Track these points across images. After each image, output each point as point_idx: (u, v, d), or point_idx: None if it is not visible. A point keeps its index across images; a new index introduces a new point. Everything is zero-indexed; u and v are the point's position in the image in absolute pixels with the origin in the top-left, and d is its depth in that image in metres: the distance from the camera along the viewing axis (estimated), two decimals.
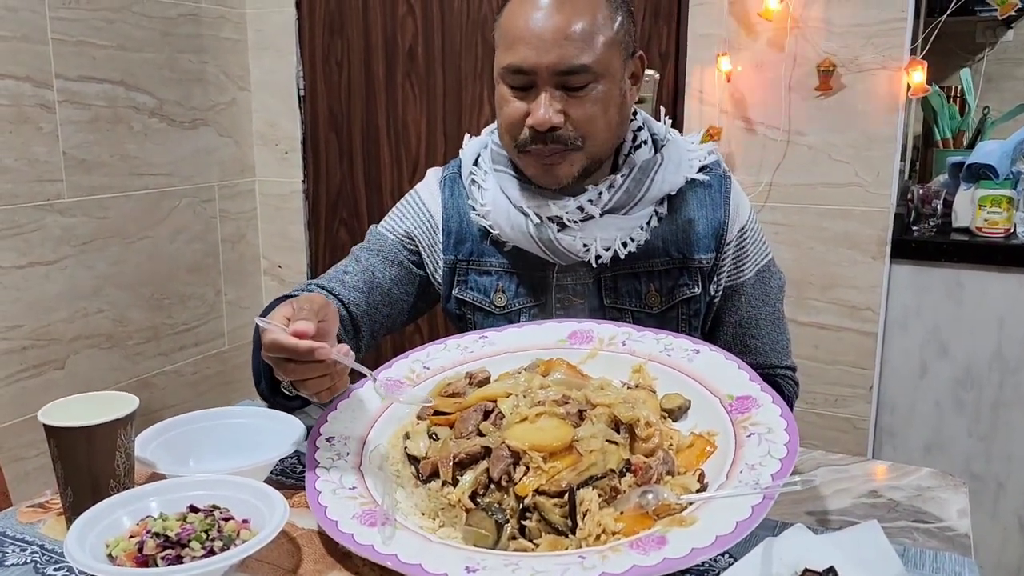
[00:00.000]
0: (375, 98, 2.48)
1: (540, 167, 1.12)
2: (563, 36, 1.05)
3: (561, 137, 1.09)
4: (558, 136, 1.08)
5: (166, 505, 0.80)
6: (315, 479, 0.87)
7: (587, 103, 1.08)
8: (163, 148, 2.30)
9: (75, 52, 2.03)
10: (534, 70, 1.06)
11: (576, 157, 1.11)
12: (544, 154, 1.10)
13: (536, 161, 1.12)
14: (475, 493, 0.81)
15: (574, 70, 1.06)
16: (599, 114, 1.09)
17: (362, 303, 1.22)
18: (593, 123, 1.09)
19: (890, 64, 1.90)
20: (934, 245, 1.98)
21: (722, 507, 0.75)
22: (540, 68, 1.06)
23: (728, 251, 1.20)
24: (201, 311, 2.51)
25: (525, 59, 1.06)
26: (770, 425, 0.85)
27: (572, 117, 1.08)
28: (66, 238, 2.06)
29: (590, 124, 1.09)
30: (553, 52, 1.05)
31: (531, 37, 1.06)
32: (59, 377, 2.07)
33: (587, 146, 1.10)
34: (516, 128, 1.11)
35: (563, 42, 1.05)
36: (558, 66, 1.05)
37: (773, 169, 2.03)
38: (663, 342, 1.03)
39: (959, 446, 2.00)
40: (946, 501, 0.91)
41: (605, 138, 1.12)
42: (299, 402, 1.06)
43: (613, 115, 1.12)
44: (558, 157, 1.10)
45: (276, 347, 0.85)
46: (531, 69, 1.07)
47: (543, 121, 1.07)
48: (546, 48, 1.05)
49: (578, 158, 1.11)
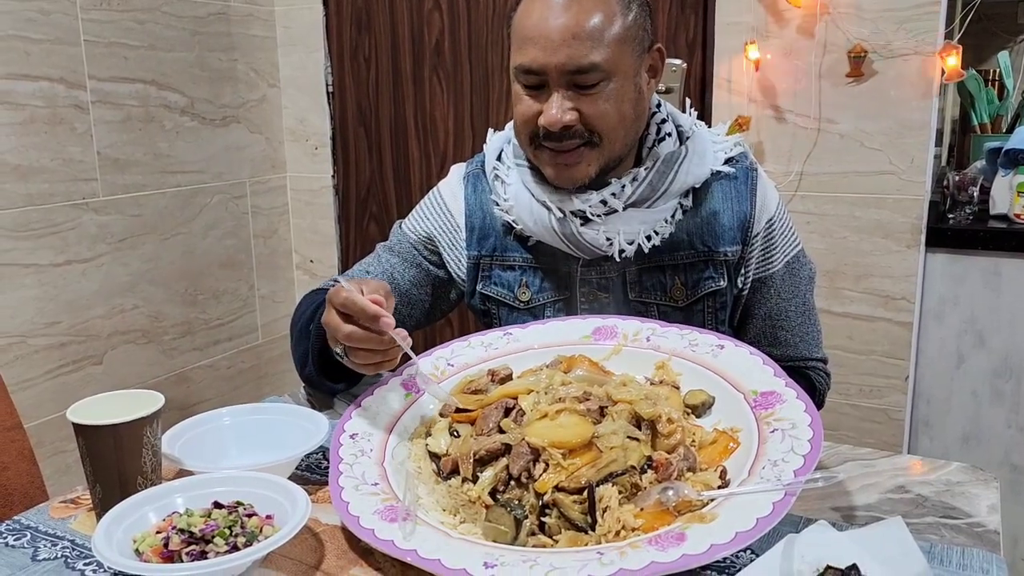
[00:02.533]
0: (403, 93, 2.49)
1: (556, 167, 1.12)
2: (571, 35, 1.05)
3: (576, 133, 1.09)
4: (573, 133, 1.08)
5: (191, 501, 0.82)
6: (338, 475, 0.88)
7: (599, 100, 1.07)
8: (195, 146, 2.33)
9: (107, 53, 2.06)
10: (544, 70, 1.07)
11: (593, 156, 1.11)
12: (561, 151, 1.10)
13: (552, 160, 1.12)
14: (495, 490, 0.81)
15: (583, 69, 1.05)
16: (612, 111, 1.09)
17: None
18: (606, 120, 1.09)
19: (924, 49, 1.86)
20: (971, 233, 1.93)
21: (743, 503, 0.75)
22: (550, 68, 1.06)
23: (756, 243, 1.18)
24: (235, 306, 2.54)
25: (535, 59, 1.06)
26: (794, 421, 0.84)
27: (585, 115, 1.08)
28: (101, 236, 2.10)
29: (604, 121, 1.09)
30: (562, 52, 1.05)
31: (540, 37, 1.06)
32: (97, 372, 2.11)
33: (604, 143, 1.10)
34: (530, 126, 1.11)
35: (571, 41, 1.05)
36: (567, 66, 1.05)
37: (804, 158, 2.00)
38: (688, 337, 1.02)
39: (998, 437, 1.96)
40: (976, 496, 0.89)
41: (621, 135, 1.12)
42: (342, 385, 1.11)
43: (628, 111, 1.11)
44: (575, 156, 1.10)
45: (348, 304, 0.90)
46: (540, 69, 1.07)
47: (554, 121, 1.07)
48: (555, 48, 1.05)
49: (595, 157, 1.11)
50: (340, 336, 0.92)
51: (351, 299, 0.89)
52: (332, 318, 0.93)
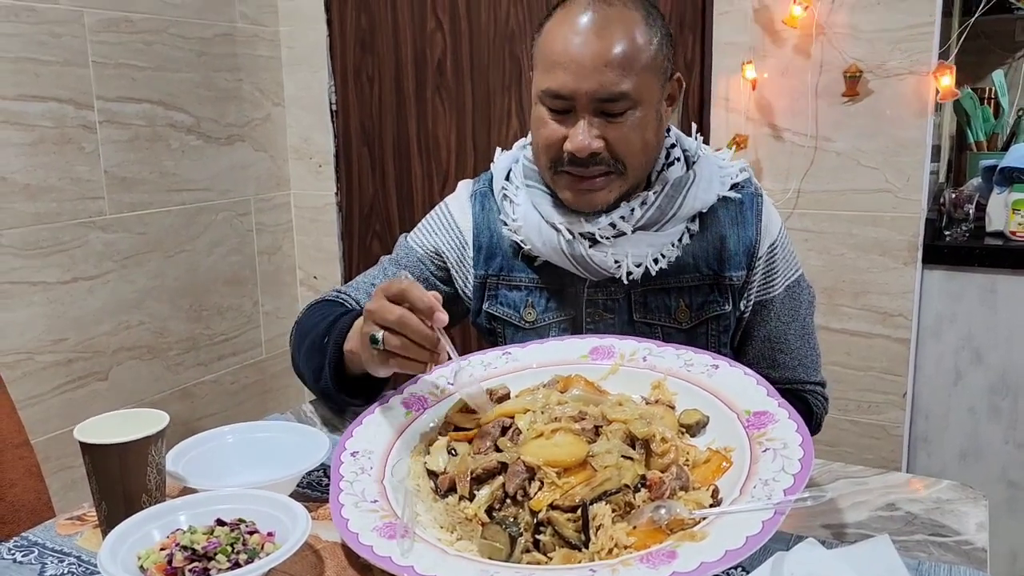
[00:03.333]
0: (406, 112, 2.52)
1: (576, 192, 1.13)
2: (603, 63, 1.05)
3: (602, 160, 1.09)
4: (598, 160, 1.09)
5: (195, 518, 0.84)
6: (339, 492, 0.90)
7: (625, 128, 1.08)
8: (200, 164, 2.37)
9: (115, 74, 2.10)
10: (573, 96, 1.07)
11: (616, 184, 1.12)
12: (585, 176, 1.11)
13: (571, 185, 1.13)
14: (491, 507, 0.83)
15: (613, 97, 1.06)
16: (637, 139, 1.10)
17: None
18: (631, 147, 1.10)
19: (918, 69, 1.88)
20: (967, 250, 1.95)
21: (734, 522, 0.76)
22: (579, 94, 1.06)
23: (758, 267, 1.20)
24: (239, 322, 2.57)
25: (564, 85, 1.06)
26: (785, 440, 0.86)
27: (611, 143, 1.09)
28: (108, 253, 2.13)
29: (629, 149, 1.10)
30: (592, 79, 1.05)
31: (570, 63, 1.06)
32: (103, 388, 2.14)
33: (628, 171, 1.11)
34: (553, 150, 1.11)
35: (603, 68, 1.05)
36: (598, 93, 1.06)
37: (801, 176, 2.03)
38: (683, 357, 1.04)
39: (996, 453, 1.97)
40: (965, 514, 0.90)
41: (643, 162, 1.14)
42: (360, 400, 1.11)
43: (651, 139, 1.12)
44: (600, 182, 1.11)
45: (406, 293, 0.91)
46: (570, 95, 1.07)
47: (582, 147, 1.07)
48: (585, 74, 1.05)
49: (617, 184, 1.12)
50: (392, 318, 0.91)
51: (410, 289, 0.90)
52: (381, 304, 0.92)
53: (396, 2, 2.46)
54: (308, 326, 1.20)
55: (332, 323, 1.12)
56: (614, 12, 1.08)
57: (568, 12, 1.09)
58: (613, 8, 1.08)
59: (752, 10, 2.00)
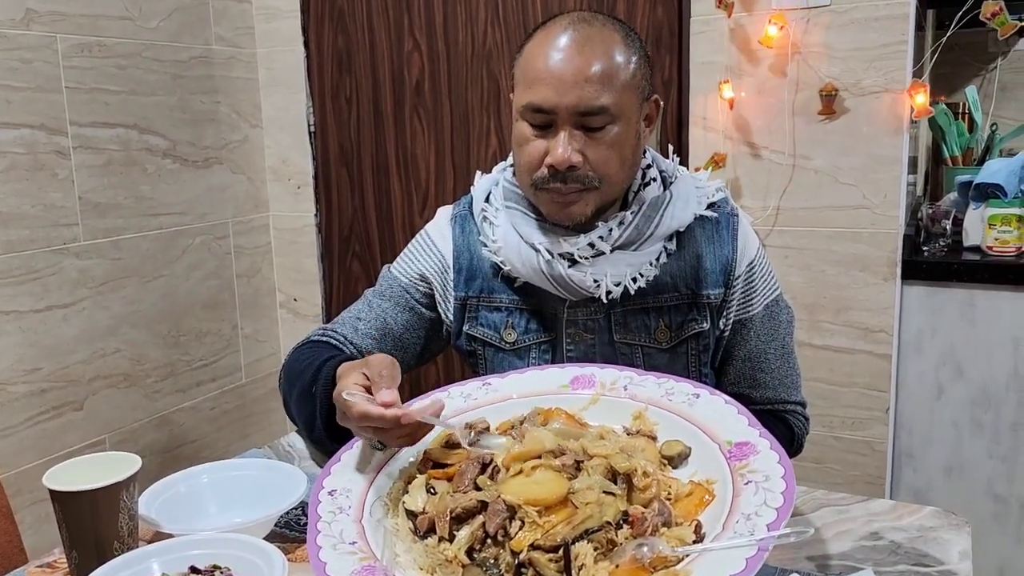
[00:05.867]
0: (384, 132, 2.51)
1: (556, 205, 1.14)
2: (583, 78, 1.07)
3: (579, 177, 1.11)
4: (577, 176, 1.11)
5: (168, 565, 0.82)
6: (316, 534, 0.88)
7: (604, 145, 1.10)
8: (177, 188, 2.34)
9: (88, 99, 2.08)
10: (554, 110, 1.09)
11: (591, 197, 1.13)
12: (561, 192, 1.12)
13: (552, 199, 1.14)
14: (472, 548, 0.82)
15: (593, 111, 1.08)
16: (614, 156, 1.12)
17: (375, 350, 1.24)
18: (609, 164, 1.12)
19: (893, 87, 1.90)
20: (945, 265, 1.96)
21: (716, 559, 0.75)
22: (560, 108, 1.08)
23: (736, 286, 1.21)
24: (218, 346, 2.54)
25: (545, 99, 1.09)
26: (767, 473, 0.85)
27: (590, 158, 1.11)
28: (82, 280, 2.10)
29: (606, 165, 1.11)
30: (573, 93, 1.07)
31: (551, 78, 1.08)
32: (78, 418, 2.10)
33: (603, 186, 1.13)
34: (535, 166, 1.13)
35: (583, 83, 1.07)
36: (578, 107, 1.08)
37: (780, 193, 2.03)
38: (664, 386, 1.03)
39: (980, 467, 1.98)
40: (948, 542, 0.90)
41: (620, 179, 1.15)
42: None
43: (628, 156, 1.14)
44: (574, 196, 1.12)
45: (366, 417, 0.89)
46: (551, 109, 1.09)
47: (562, 160, 1.09)
48: (566, 89, 1.07)
49: (593, 198, 1.13)
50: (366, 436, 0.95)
51: (366, 413, 0.89)
52: (354, 428, 0.94)
53: (373, 23, 2.45)
54: (296, 371, 1.18)
55: (318, 369, 1.11)
56: (594, 31, 1.11)
57: (549, 32, 1.12)
58: (593, 28, 1.11)
59: (728, 30, 2.01)
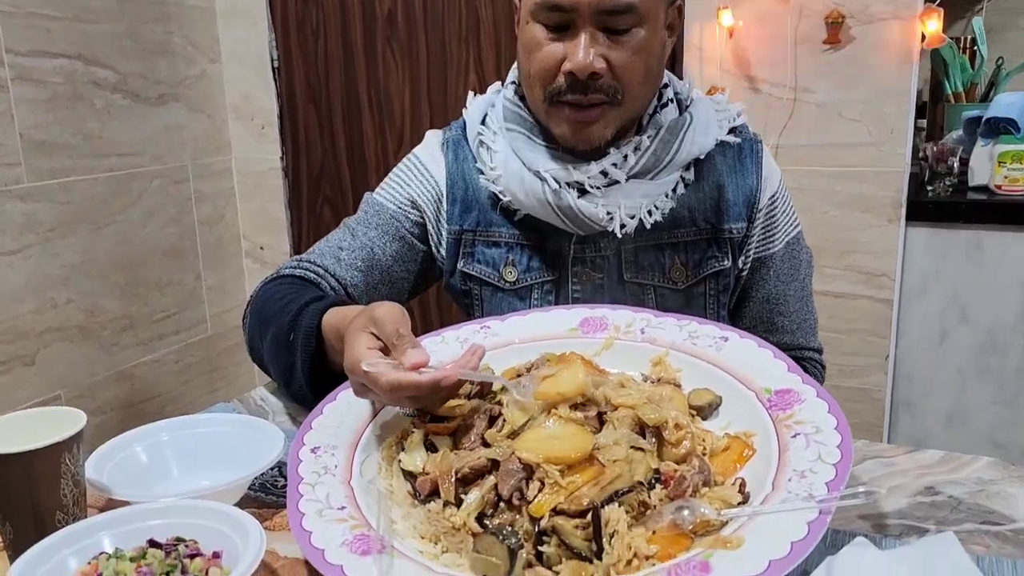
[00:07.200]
0: (355, 67, 2.34)
1: (573, 125, 1.01)
2: None
3: (602, 86, 0.98)
4: (599, 86, 0.97)
5: (121, 539, 0.69)
6: (298, 499, 0.75)
7: (629, 50, 0.97)
8: (129, 126, 2.16)
9: (25, 24, 1.88)
10: (575, 7, 0.95)
11: (612, 116, 1.00)
12: (581, 106, 0.99)
13: (569, 117, 1.00)
14: (482, 514, 0.70)
15: (620, 8, 0.95)
16: (640, 64, 0.98)
17: (360, 283, 1.11)
18: (634, 73, 0.99)
19: (903, 13, 1.78)
20: (951, 206, 1.87)
21: (771, 524, 0.65)
22: (581, 4, 0.94)
23: (759, 220, 1.10)
24: (180, 297, 2.39)
25: None
26: (817, 424, 0.74)
27: (613, 64, 0.97)
28: (29, 225, 1.93)
29: (631, 74, 0.98)
30: None
31: None
32: (30, 373, 1.94)
33: (625, 101, 1.00)
34: (549, 75, 0.99)
35: None
36: (602, 3, 0.94)
37: (780, 130, 1.92)
38: (687, 329, 0.92)
39: (983, 415, 1.91)
40: (1013, 496, 0.80)
41: (642, 93, 1.02)
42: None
43: (653, 66, 1.01)
44: (595, 114, 0.99)
45: (400, 388, 0.73)
46: (571, 5, 0.95)
47: (584, 65, 0.95)
48: None
49: (614, 117, 1.01)
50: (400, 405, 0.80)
51: (400, 383, 0.73)
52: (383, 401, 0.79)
53: None
54: (268, 313, 1.03)
55: (297, 315, 0.96)
56: None
57: None
58: None
59: None
